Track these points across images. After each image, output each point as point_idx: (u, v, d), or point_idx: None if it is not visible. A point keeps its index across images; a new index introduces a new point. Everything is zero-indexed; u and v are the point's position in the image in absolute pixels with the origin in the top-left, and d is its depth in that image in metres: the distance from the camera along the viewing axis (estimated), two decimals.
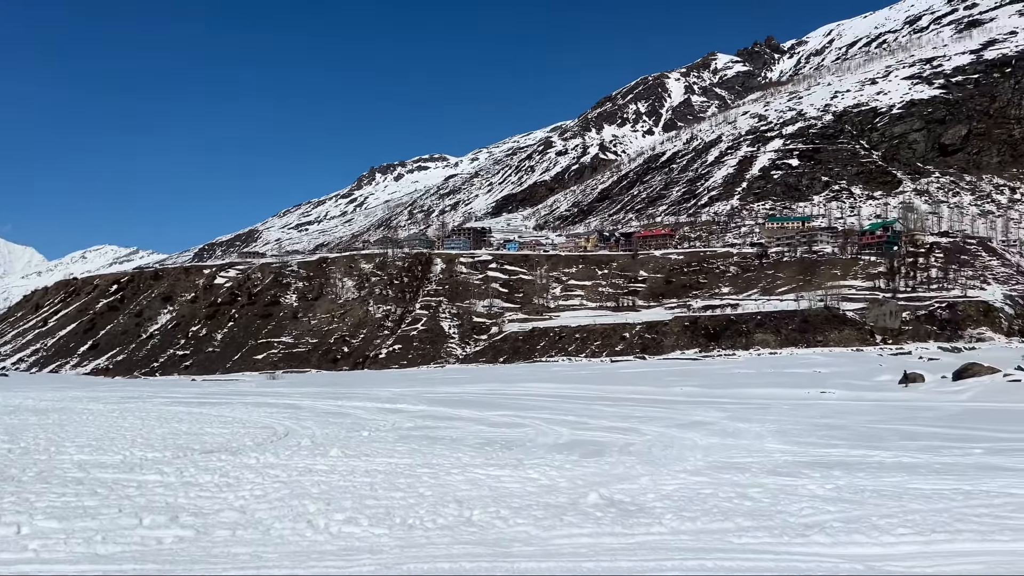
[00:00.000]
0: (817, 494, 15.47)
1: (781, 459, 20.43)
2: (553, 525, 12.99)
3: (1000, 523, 12.85)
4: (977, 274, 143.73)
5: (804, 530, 12.50)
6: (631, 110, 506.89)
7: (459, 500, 14.87)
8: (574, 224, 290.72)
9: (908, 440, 24.47)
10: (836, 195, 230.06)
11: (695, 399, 43.85)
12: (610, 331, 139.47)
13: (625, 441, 24.35)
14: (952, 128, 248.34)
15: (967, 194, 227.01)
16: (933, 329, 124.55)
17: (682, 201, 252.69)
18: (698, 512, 13.92)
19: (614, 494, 15.53)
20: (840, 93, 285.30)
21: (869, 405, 39.18)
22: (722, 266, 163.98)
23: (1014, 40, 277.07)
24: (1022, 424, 28.92)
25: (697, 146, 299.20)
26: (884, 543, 11.75)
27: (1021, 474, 17.84)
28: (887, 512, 13.71)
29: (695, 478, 17.49)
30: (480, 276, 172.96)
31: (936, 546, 11.59)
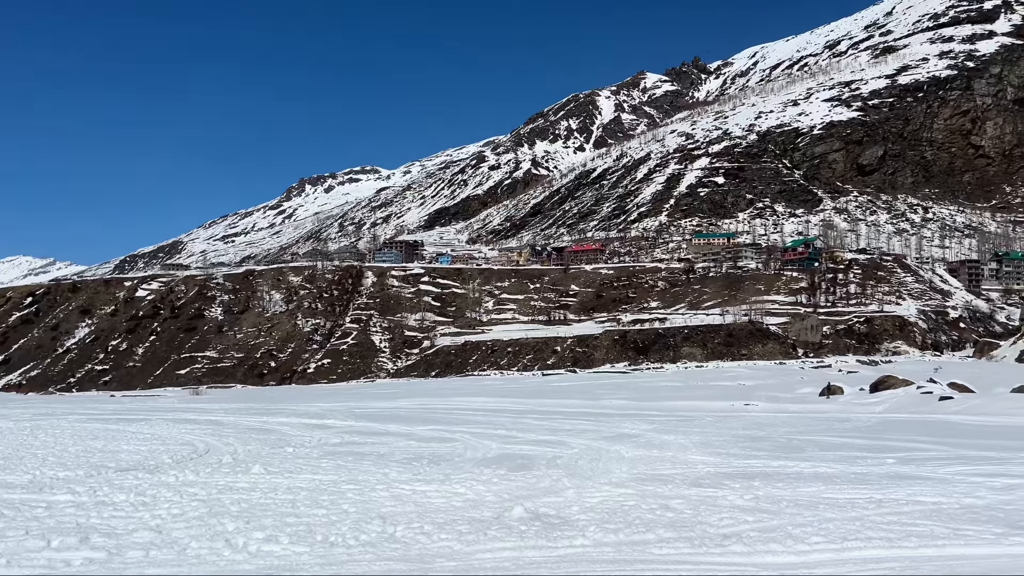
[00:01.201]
0: (737, 504, 15.79)
1: (704, 470, 20.81)
2: (477, 540, 12.94)
3: (907, 530, 13.34)
4: (893, 290, 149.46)
5: (722, 540, 12.74)
6: (563, 126, 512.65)
7: (383, 516, 14.70)
8: (507, 238, 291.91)
9: (826, 451, 25.20)
10: (760, 212, 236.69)
11: (624, 412, 44.35)
12: (542, 345, 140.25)
13: (553, 454, 24.46)
14: (869, 149, 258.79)
15: (883, 213, 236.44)
16: (852, 343, 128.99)
17: (612, 217, 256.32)
18: (621, 524, 14.06)
19: (539, 507, 15.57)
20: (764, 114, 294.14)
21: (790, 417, 40.23)
22: (651, 281, 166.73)
23: (926, 66, 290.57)
24: (932, 435, 30.11)
25: (627, 163, 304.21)
26: (798, 551, 12.06)
27: (928, 482, 18.57)
28: (802, 521, 14.09)
29: (620, 490, 17.67)
30: (412, 290, 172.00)
31: (847, 553, 11.96)
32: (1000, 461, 22.54)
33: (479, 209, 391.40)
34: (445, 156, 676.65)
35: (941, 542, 12.54)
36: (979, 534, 13.09)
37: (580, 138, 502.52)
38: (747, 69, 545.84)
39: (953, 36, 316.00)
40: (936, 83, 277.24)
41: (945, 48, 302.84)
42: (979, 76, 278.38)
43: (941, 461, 22.54)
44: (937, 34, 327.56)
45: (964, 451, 24.75)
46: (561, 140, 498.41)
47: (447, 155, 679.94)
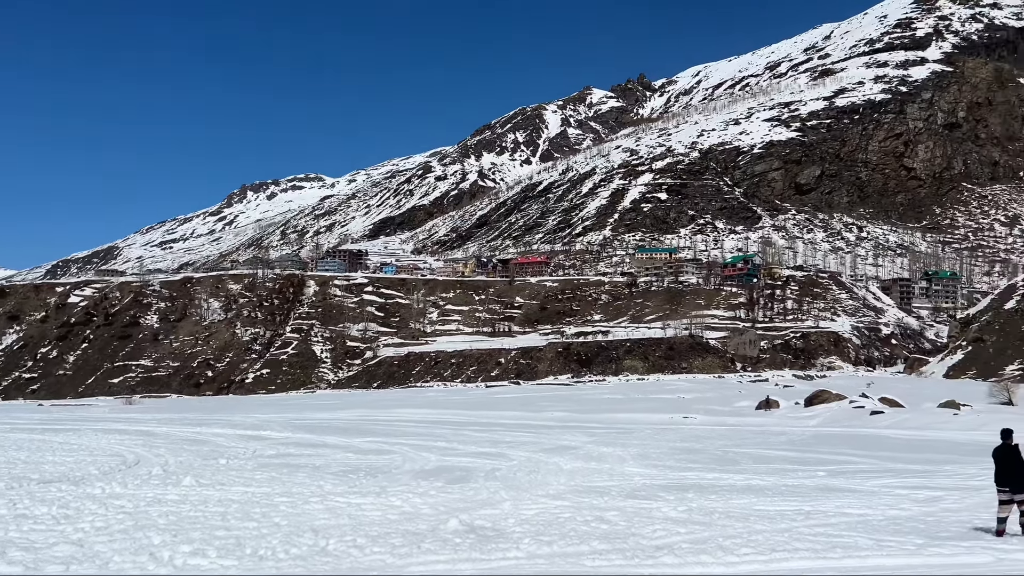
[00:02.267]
0: (670, 516, 15.99)
1: (640, 482, 21.02)
2: (410, 553, 12.84)
3: (832, 541, 13.67)
4: (828, 306, 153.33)
5: (654, 552, 12.88)
6: (510, 139, 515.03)
7: (316, 529, 14.49)
8: (452, 249, 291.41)
9: (760, 463, 25.70)
10: (701, 228, 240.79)
11: (564, 424, 44.58)
12: (486, 356, 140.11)
13: (492, 466, 24.44)
14: (807, 169, 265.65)
15: (820, 231, 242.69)
16: (788, 357, 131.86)
17: (558, 230, 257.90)
18: (556, 536, 14.11)
19: (475, 520, 15.53)
20: (706, 132, 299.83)
21: (727, 430, 40.93)
22: (594, 294, 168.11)
23: (862, 90, 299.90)
24: (862, 448, 30.95)
25: (572, 177, 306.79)
26: (727, 563, 12.26)
27: (856, 495, 19.07)
28: (733, 533, 14.33)
29: (556, 502, 17.74)
30: (355, 299, 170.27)
31: (775, 564, 12.19)
32: (925, 474, 23.28)
33: (425, 219, 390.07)
34: (391, 165, 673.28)
35: (864, 553, 12.88)
36: (900, 545, 13.49)
37: (527, 151, 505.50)
38: (691, 87, 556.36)
39: (888, 61, 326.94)
40: (871, 106, 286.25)
41: (880, 73, 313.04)
42: (912, 101, 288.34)
43: (869, 474, 23.18)
44: (872, 59, 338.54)
45: (892, 464, 25.50)
46: (508, 152, 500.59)
47: (393, 164, 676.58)
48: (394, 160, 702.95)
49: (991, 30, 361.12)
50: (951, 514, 16.61)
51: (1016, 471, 14.42)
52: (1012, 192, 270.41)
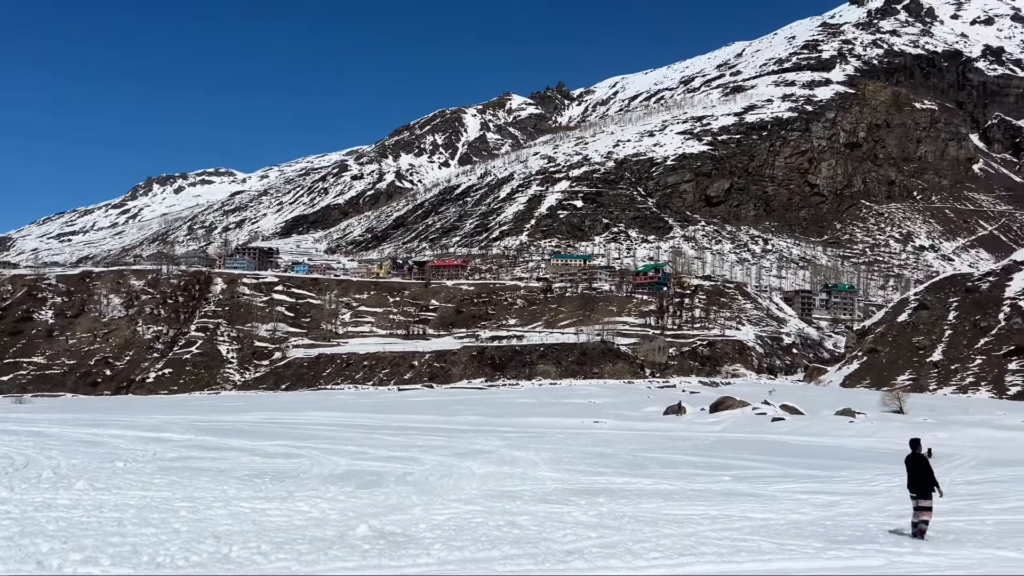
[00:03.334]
0: (581, 521, 16.09)
1: (552, 487, 21.12)
2: (317, 559, 12.51)
3: (737, 545, 14.01)
4: (734, 316, 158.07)
5: (565, 556, 12.92)
6: (428, 141, 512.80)
7: (218, 536, 13.96)
8: (367, 250, 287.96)
9: (668, 468, 26.20)
10: (615, 237, 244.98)
11: (478, 428, 44.49)
12: (399, 359, 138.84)
13: (403, 471, 24.15)
14: (717, 182, 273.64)
15: (727, 242, 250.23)
16: (695, 364, 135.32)
17: (475, 234, 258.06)
18: (467, 541, 13.99)
19: (385, 525, 15.27)
20: (622, 142, 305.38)
21: (637, 435, 41.62)
22: (510, 298, 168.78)
23: (770, 107, 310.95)
24: (765, 453, 31.94)
25: (491, 182, 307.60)
26: (636, 567, 12.40)
27: (759, 499, 19.62)
28: (642, 537, 14.51)
29: (468, 507, 17.63)
30: (265, 298, 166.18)
31: (681, 569, 12.39)
32: (823, 479, 24.17)
33: (340, 219, 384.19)
34: (306, 163, 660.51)
35: (767, 557, 13.23)
36: (801, 548, 13.93)
37: (445, 153, 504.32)
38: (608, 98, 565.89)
39: (795, 81, 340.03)
40: (779, 123, 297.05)
41: (788, 92, 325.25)
42: (816, 120, 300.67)
43: (771, 479, 23.91)
44: (781, 78, 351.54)
45: (792, 469, 26.38)
46: (426, 154, 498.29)
47: (308, 162, 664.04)
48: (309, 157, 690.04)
49: (890, 56, 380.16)
50: (848, 518, 17.26)
51: (921, 478, 15.30)
52: (906, 210, 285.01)
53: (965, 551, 14.21)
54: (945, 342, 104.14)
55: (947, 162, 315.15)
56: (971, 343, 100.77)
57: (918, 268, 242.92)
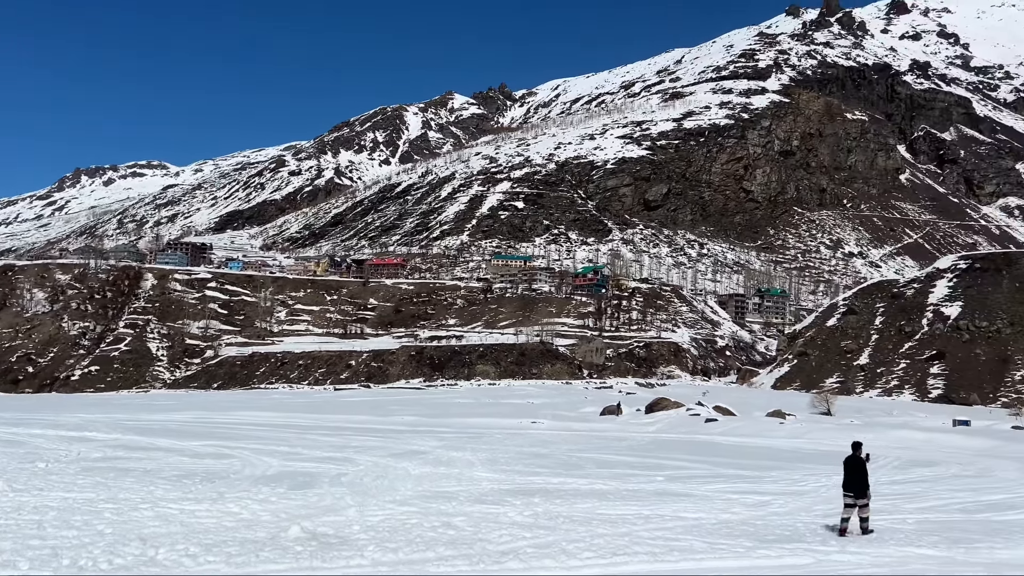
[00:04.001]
0: (516, 521, 16.10)
1: (488, 487, 21.09)
2: (247, 562, 12.25)
3: (670, 545, 14.19)
4: (670, 318, 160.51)
5: (500, 557, 12.90)
6: (369, 138, 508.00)
7: (144, 538, 13.54)
8: (305, 247, 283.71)
9: (603, 468, 26.41)
10: (555, 238, 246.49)
11: (415, 428, 44.19)
12: (336, 358, 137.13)
13: (338, 471, 23.83)
14: (655, 186, 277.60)
15: (665, 246, 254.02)
16: (632, 366, 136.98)
17: (415, 232, 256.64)
18: (402, 542, 13.87)
19: (318, 527, 15.04)
20: (563, 144, 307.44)
21: (573, 435, 41.87)
22: (450, 298, 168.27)
23: (707, 114, 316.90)
24: (698, 454, 32.48)
25: (432, 181, 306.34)
26: (570, 567, 12.46)
27: (692, 499, 19.93)
28: (576, 537, 14.59)
29: (403, 508, 17.48)
30: (197, 295, 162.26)
31: (615, 568, 12.50)
32: (754, 479, 24.68)
33: (276, 215, 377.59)
34: (242, 157, 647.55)
35: (699, 556, 13.44)
36: (731, 547, 14.19)
37: (386, 151, 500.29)
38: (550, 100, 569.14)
39: (732, 89, 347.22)
40: (716, 130, 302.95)
41: (725, 99, 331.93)
42: (752, 127, 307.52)
43: (704, 479, 24.32)
44: (719, 85, 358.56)
45: (724, 469, 26.87)
46: (367, 151, 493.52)
47: (244, 156, 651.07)
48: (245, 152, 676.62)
49: (824, 67, 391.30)
50: (777, 517, 17.65)
51: (860, 480, 15.90)
52: (836, 218, 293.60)
53: (887, 549, 14.66)
54: (871, 346, 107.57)
55: (876, 172, 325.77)
56: (896, 347, 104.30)
57: (847, 274, 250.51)
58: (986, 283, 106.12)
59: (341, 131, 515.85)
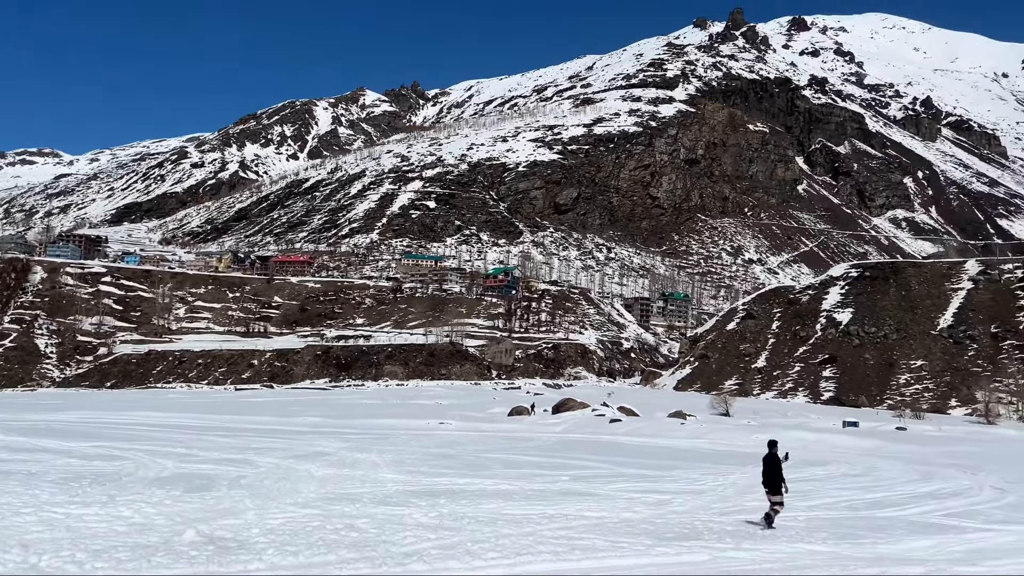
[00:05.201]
0: (421, 522, 16.00)
1: (393, 489, 20.89)
2: (138, 568, 11.75)
3: (573, 544, 14.38)
4: (578, 320, 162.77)
5: (403, 559, 12.80)
6: (276, 132, 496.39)
7: (26, 544, 12.83)
8: (206, 242, 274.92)
9: (509, 468, 26.54)
10: (467, 239, 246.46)
11: (319, 429, 43.38)
12: (238, 357, 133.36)
13: (237, 473, 23.15)
14: (566, 190, 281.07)
15: (574, 249, 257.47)
16: (540, 367, 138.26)
17: (323, 230, 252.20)
18: (303, 545, 13.58)
19: (215, 530, 14.57)
20: (476, 146, 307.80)
21: (480, 436, 41.94)
22: (358, 297, 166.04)
23: (617, 121, 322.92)
24: (602, 453, 33.02)
25: (341, 177, 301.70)
26: (474, 567, 12.46)
27: (595, 498, 20.24)
28: (481, 538, 14.60)
29: (305, 510, 17.13)
30: (90, 290, 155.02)
31: (518, 568, 12.58)
32: (655, 479, 25.26)
33: (177, 208, 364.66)
34: (141, 147, 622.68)
35: (601, 554, 13.66)
36: (632, 545, 14.48)
37: (294, 146, 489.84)
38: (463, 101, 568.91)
39: (641, 97, 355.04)
40: (625, 137, 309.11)
41: (634, 107, 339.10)
42: (659, 135, 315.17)
43: (607, 478, 24.74)
44: (628, 93, 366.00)
45: (627, 469, 27.41)
46: (274, 145, 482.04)
47: (144, 147, 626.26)
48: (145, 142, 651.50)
49: (728, 79, 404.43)
50: (676, 516, 18.11)
51: (773, 476, 16.86)
52: (738, 225, 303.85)
53: (779, 545, 15.24)
54: (768, 350, 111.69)
55: (775, 182, 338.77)
56: (791, 351, 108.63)
57: (746, 280, 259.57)
58: (875, 291, 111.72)
59: (247, 124, 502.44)
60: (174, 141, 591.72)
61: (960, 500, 23.01)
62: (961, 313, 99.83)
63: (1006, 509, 21.48)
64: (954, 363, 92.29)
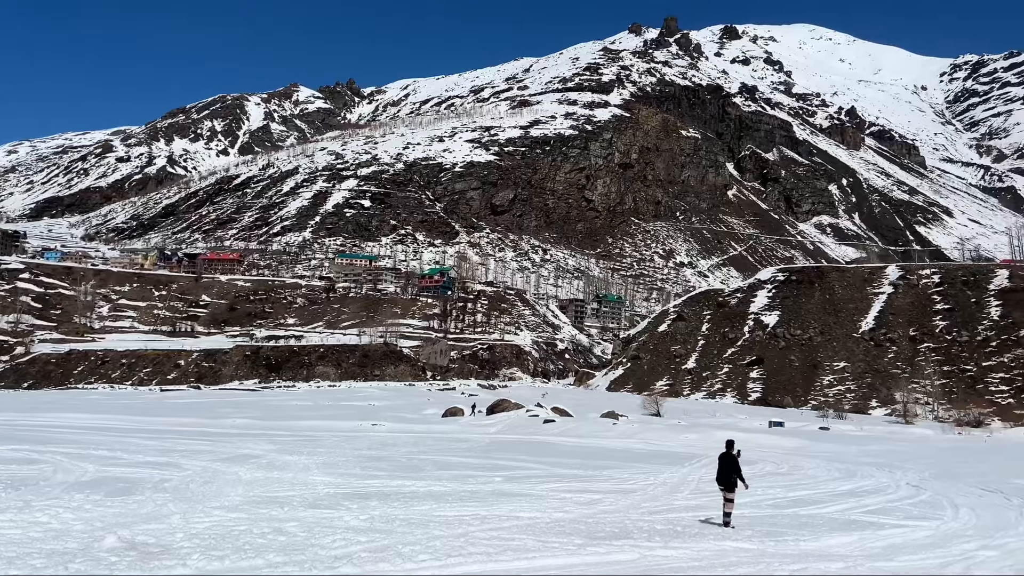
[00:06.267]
0: (351, 525, 15.82)
1: (323, 491, 20.60)
2: (56, 575, 11.34)
3: (505, 544, 14.42)
4: (513, 321, 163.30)
5: (333, 562, 12.63)
6: (206, 127, 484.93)
7: None
8: (132, 239, 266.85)
9: (442, 470, 26.45)
10: (402, 239, 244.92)
11: (248, 431, 42.50)
12: (163, 357, 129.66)
13: (161, 477, 22.51)
14: (502, 191, 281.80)
15: (510, 250, 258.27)
16: (475, 367, 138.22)
17: (254, 227, 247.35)
18: (229, 550, 13.29)
19: (137, 536, 14.14)
20: (412, 145, 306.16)
21: (414, 437, 41.67)
22: (290, 297, 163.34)
23: (553, 124, 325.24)
24: (535, 454, 33.19)
25: (274, 174, 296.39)
26: (405, 570, 12.39)
27: (528, 499, 20.34)
28: (413, 540, 14.52)
29: (232, 514, 16.76)
30: (7, 287, 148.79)
31: (449, 569, 12.55)
32: (587, 479, 25.50)
33: (101, 203, 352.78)
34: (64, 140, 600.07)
35: (532, 554, 13.73)
36: (563, 545, 14.60)
37: (225, 141, 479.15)
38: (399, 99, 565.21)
39: (577, 100, 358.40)
40: (561, 140, 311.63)
41: (570, 110, 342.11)
42: (595, 139, 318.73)
43: (540, 479, 24.87)
44: (564, 96, 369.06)
45: (559, 469, 27.60)
46: (203, 140, 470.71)
47: (66, 139, 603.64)
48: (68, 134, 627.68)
49: (662, 85, 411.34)
50: (607, 515, 18.32)
51: (729, 474, 17.51)
52: (670, 229, 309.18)
53: (706, 544, 15.57)
54: (698, 351, 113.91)
55: (706, 187, 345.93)
56: (720, 353, 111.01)
57: (678, 283, 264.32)
58: (800, 295, 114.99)
59: (176, 118, 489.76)
60: (99, 134, 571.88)
61: (879, 497, 23.86)
62: (882, 316, 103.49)
63: (921, 506, 22.36)
64: (875, 365, 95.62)
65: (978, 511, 21.55)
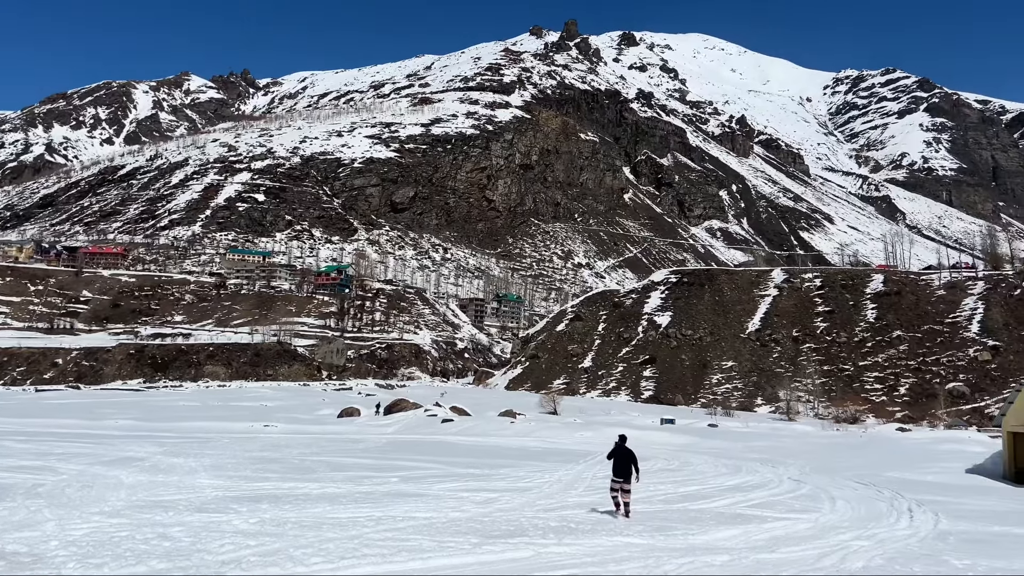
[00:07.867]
0: (241, 529, 15.36)
1: (211, 495, 19.92)
2: None
3: (399, 545, 14.29)
4: (412, 320, 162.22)
5: (220, 567, 12.23)
6: (89, 114, 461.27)
7: None
8: (5, 230, 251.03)
9: (337, 471, 26.00)
10: (298, 235, 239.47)
11: (132, 433, 40.66)
12: (39, 355, 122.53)
13: (35, 482, 21.26)
14: (402, 189, 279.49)
15: (410, 249, 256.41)
16: (373, 367, 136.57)
17: (140, 220, 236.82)
18: (108, 557, 12.68)
19: (7, 545, 13.32)
20: (309, 139, 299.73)
21: (308, 438, 40.80)
22: (178, 293, 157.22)
23: (455, 122, 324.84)
24: (433, 454, 33.06)
25: (162, 165, 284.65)
26: (296, 573, 12.12)
27: (424, 499, 20.23)
28: (305, 543, 14.22)
29: (112, 520, 16.00)
30: None
31: (342, 571, 12.35)
32: (484, 477, 25.58)
33: None
34: None
35: (428, 555, 13.67)
36: (459, 545, 14.59)
37: (109, 130, 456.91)
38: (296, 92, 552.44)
39: (478, 100, 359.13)
40: (462, 139, 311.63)
41: (472, 110, 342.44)
42: (496, 139, 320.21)
43: (437, 478, 24.79)
44: (466, 95, 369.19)
45: (457, 468, 27.59)
46: (86, 128, 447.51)
47: None
48: None
49: (562, 88, 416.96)
50: (503, 513, 18.43)
51: (627, 467, 18.44)
52: (568, 230, 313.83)
53: (599, 539, 15.86)
54: (594, 351, 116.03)
55: (604, 190, 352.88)
56: (615, 352, 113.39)
57: (576, 283, 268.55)
58: (692, 296, 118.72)
59: (56, 103, 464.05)
60: None
61: (763, 492, 24.88)
62: (767, 318, 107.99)
63: (802, 499, 23.45)
64: (760, 364, 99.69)
65: (853, 503, 22.77)
